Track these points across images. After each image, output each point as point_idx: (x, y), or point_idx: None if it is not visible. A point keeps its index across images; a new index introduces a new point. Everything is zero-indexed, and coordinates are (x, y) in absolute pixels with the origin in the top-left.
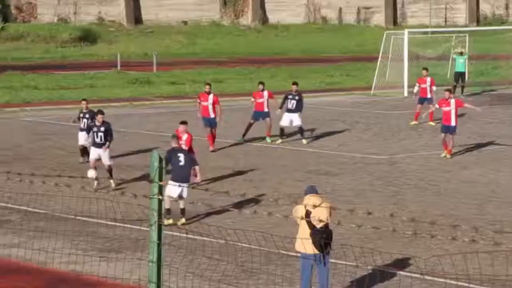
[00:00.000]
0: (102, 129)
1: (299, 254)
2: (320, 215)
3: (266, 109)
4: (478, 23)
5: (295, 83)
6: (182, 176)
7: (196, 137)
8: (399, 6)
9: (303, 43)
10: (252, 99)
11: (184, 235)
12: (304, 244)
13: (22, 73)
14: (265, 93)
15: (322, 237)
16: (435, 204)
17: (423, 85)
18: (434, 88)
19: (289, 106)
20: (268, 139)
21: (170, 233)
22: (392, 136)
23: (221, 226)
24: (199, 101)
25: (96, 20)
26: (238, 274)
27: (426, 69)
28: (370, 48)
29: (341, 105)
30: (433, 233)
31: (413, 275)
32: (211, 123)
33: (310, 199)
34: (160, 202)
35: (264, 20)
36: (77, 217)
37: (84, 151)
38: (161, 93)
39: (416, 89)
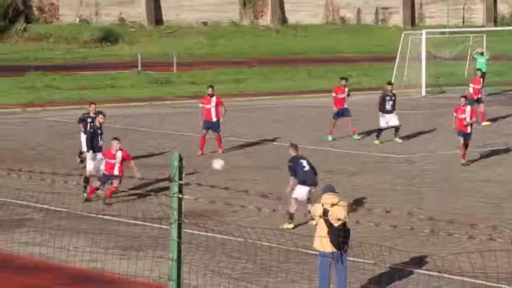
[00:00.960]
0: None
1: (317, 253)
2: (338, 213)
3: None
4: (495, 23)
5: (390, 83)
6: (313, 178)
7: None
8: (417, 6)
9: (322, 43)
10: (201, 105)
11: (204, 233)
12: (322, 243)
13: (44, 73)
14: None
15: (340, 236)
16: (453, 203)
17: (476, 86)
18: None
19: (388, 107)
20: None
21: (190, 231)
22: (411, 135)
23: (240, 224)
24: (202, 105)
25: (117, 21)
26: (257, 272)
27: (480, 69)
28: (388, 48)
29: (360, 104)
30: (450, 232)
31: (430, 273)
32: (213, 126)
33: (328, 198)
34: (180, 200)
35: (283, 20)
36: (98, 216)
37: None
38: (181, 93)
39: (470, 89)
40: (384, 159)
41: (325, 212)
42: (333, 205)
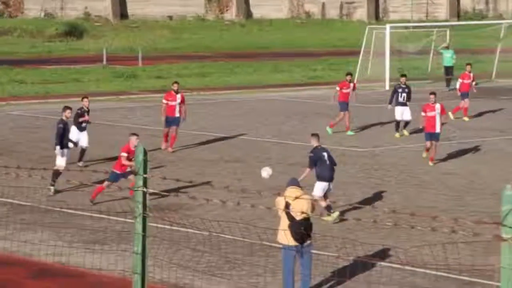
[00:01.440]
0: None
1: (281, 246)
2: (300, 207)
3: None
4: (458, 18)
5: (403, 75)
6: (331, 173)
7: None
8: (381, 1)
9: (287, 38)
10: (164, 101)
11: (169, 227)
12: (286, 236)
13: (9, 67)
14: (179, 95)
15: (300, 229)
16: (415, 195)
17: (466, 81)
18: (474, 83)
19: (400, 99)
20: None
21: (155, 225)
22: (374, 129)
23: (205, 218)
24: (165, 101)
25: (83, 15)
26: (222, 265)
27: (470, 64)
28: (352, 42)
29: (324, 98)
30: (413, 224)
31: (393, 265)
32: (176, 123)
33: (290, 191)
34: (144, 194)
35: (248, 15)
36: (63, 210)
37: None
38: (147, 87)
39: (458, 84)
40: (347, 152)
41: (287, 206)
42: (295, 198)
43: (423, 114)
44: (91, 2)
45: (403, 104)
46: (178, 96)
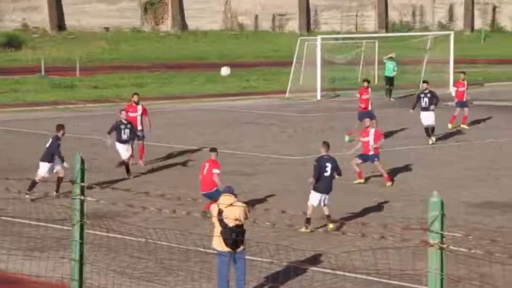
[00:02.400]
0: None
1: (215, 252)
2: (233, 214)
3: (139, 127)
4: (387, 29)
5: (425, 82)
6: (328, 186)
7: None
8: (312, 13)
9: (221, 49)
10: (124, 114)
11: (106, 234)
12: (220, 242)
13: None
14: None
15: (232, 235)
16: (346, 202)
17: (461, 89)
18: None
19: (423, 104)
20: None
21: (92, 232)
22: (306, 137)
23: (141, 225)
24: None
25: (21, 26)
26: (158, 271)
27: (463, 72)
28: (285, 53)
29: (257, 108)
30: (344, 230)
31: (325, 270)
32: (139, 136)
33: (224, 199)
34: (82, 202)
35: (184, 26)
36: (2, 217)
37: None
38: (84, 97)
39: (453, 92)
40: (279, 160)
41: (220, 212)
42: (229, 205)
43: (359, 139)
44: (29, 13)
45: (426, 109)
46: (139, 107)
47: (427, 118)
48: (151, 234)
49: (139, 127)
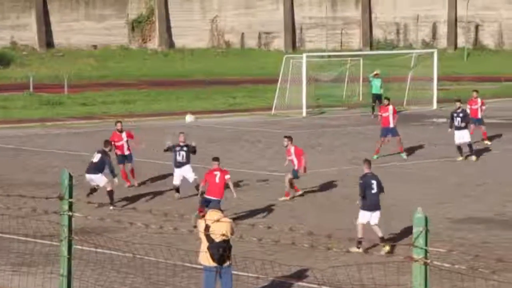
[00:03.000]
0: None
1: (202, 267)
2: (219, 229)
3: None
4: (371, 47)
5: (458, 100)
6: (376, 203)
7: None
8: (297, 31)
9: (207, 66)
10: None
11: (94, 249)
12: (207, 257)
13: None
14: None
15: (219, 250)
16: (332, 218)
17: (474, 106)
18: (484, 107)
19: (456, 123)
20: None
21: (80, 247)
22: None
23: (129, 241)
24: (114, 143)
25: (9, 44)
26: (146, 286)
27: (476, 91)
28: (270, 71)
29: (243, 125)
30: (329, 246)
31: (311, 285)
32: (128, 159)
33: (210, 214)
34: (70, 218)
35: (171, 44)
36: None
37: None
38: (72, 114)
39: (468, 111)
40: (266, 176)
41: (207, 228)
42: (215, 221)
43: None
44: (18, 31)
45: (460, 128)
46: (123, 134)
47: (461, 136)
48: (138, 249)
49: (126, 152)
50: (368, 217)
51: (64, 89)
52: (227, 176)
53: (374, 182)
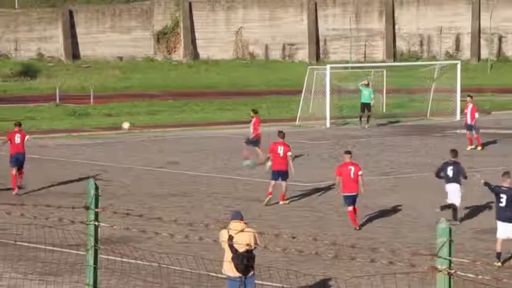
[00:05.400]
0: None
1: (226, 277)
2: (243, 239)
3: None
4: (395, 59)
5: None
6: (506, 215)
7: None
8: (321, 43)
9: (232, 77)
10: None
11: (119, 259)
12: (231, 267)
13: None
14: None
15: (243, 261)
16: (353, 227)
17: (465, 111)
18: (477, 114)
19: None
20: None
21: (106, 257)
22: (316, 164)
23: (154, 250)
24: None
25: (36, 56)
26: None
27: (470, 96)
28: (294, 82)
29: (268, 135)
30: (353, 256)
31: None
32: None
33: (234, 225)
34: (96, 228)
35: (195, 56)
36: (17, 242)
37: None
38: (98, 124)
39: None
40: (290, 186)
41: (231, 238)
42: (239, 231)
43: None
44: (44, 43)
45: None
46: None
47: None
48: (163, 259)
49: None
50: (503, 230)
51: (90, 100)
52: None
53: (503, 195)
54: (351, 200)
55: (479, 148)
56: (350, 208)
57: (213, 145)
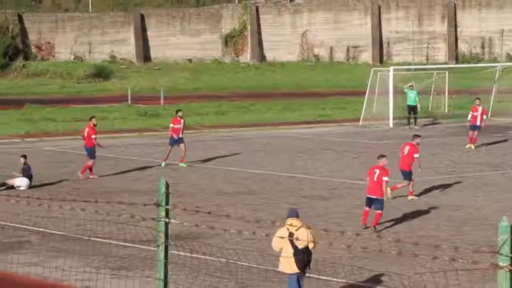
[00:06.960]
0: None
1: (286, 273)
2: (301, 236)
3: (180, 134)
4: (457, 60)
5: None
6: None
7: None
8: (385, 45)
9: (297, 79)
10: (171, 125)
11: (189, 254)
12: (289, 264)
13: (41, 106)
14: (182, 120)
15: (304, 257)
16: (417, 226)
17: (475, 113)
18: (484, 116)
19: None
20: (183, 164)
21: (176, 252)
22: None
23: (222, 246)
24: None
25: (109, 58)
26: None
27: (479, 98)
28: (358, 83)
29: (332, 135)
30: (416, 253)
31: None
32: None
33: (292, 222)
34: (166, 224)
35: (262, 58)
36: (91, 238)
37: None
38: (168, 124)
39: (469, 116)
40: (352, 185)
41: (291, 235)
42: (298, 228)
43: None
44: (117, 46)
45: None
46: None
47: None
48: (231, 254)
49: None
50: None
51: (160, 100)
52: (385, 178)
53: None
54: (370, 202)
55: (472, 146)
56: (366, 208)
57: (279, 144)
